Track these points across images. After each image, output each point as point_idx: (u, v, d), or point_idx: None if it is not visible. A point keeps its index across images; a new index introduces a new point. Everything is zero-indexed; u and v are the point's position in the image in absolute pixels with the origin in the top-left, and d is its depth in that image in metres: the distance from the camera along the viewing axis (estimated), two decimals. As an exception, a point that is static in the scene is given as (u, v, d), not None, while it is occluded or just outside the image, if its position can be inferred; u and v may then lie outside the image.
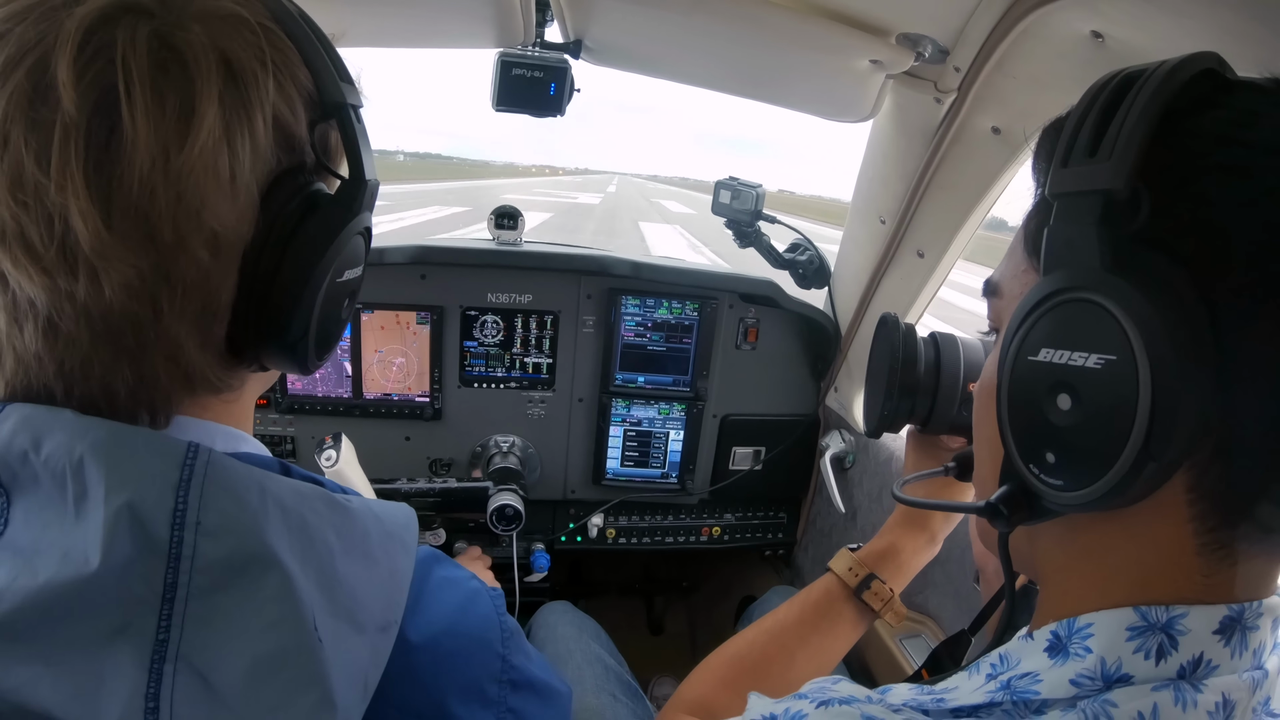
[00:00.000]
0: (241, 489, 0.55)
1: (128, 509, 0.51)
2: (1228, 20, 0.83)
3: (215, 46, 0.54)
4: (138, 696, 0.50)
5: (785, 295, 2.22)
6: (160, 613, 0.51)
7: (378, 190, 0.69)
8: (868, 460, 2.12)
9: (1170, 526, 0.53)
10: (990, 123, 1.41)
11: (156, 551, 0.51)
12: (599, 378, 2.24)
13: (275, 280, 0.59)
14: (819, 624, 1.15)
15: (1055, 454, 0.55)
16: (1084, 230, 0.52)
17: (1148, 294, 0.48)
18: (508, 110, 1.66)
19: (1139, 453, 0.48)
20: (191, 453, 0.54)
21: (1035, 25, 1.11)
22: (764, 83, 1.77)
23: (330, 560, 0.58)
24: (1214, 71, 0.52)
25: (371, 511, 0.65)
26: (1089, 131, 0.53)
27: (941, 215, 1.68)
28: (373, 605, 0.61)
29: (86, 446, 0.52)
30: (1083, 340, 0.52)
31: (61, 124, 0.50)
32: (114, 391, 0.56)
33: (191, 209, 0.53)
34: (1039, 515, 0.60)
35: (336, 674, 0.56)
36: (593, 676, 1.68)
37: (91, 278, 0.52)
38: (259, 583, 0.54)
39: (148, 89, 0.51)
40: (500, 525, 1.87)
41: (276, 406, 2.08)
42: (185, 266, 0.55)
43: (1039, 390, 0.55)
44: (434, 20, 1.51)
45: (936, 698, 0.60)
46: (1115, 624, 0.54)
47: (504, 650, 0.72)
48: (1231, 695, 0.51)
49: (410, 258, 2.01)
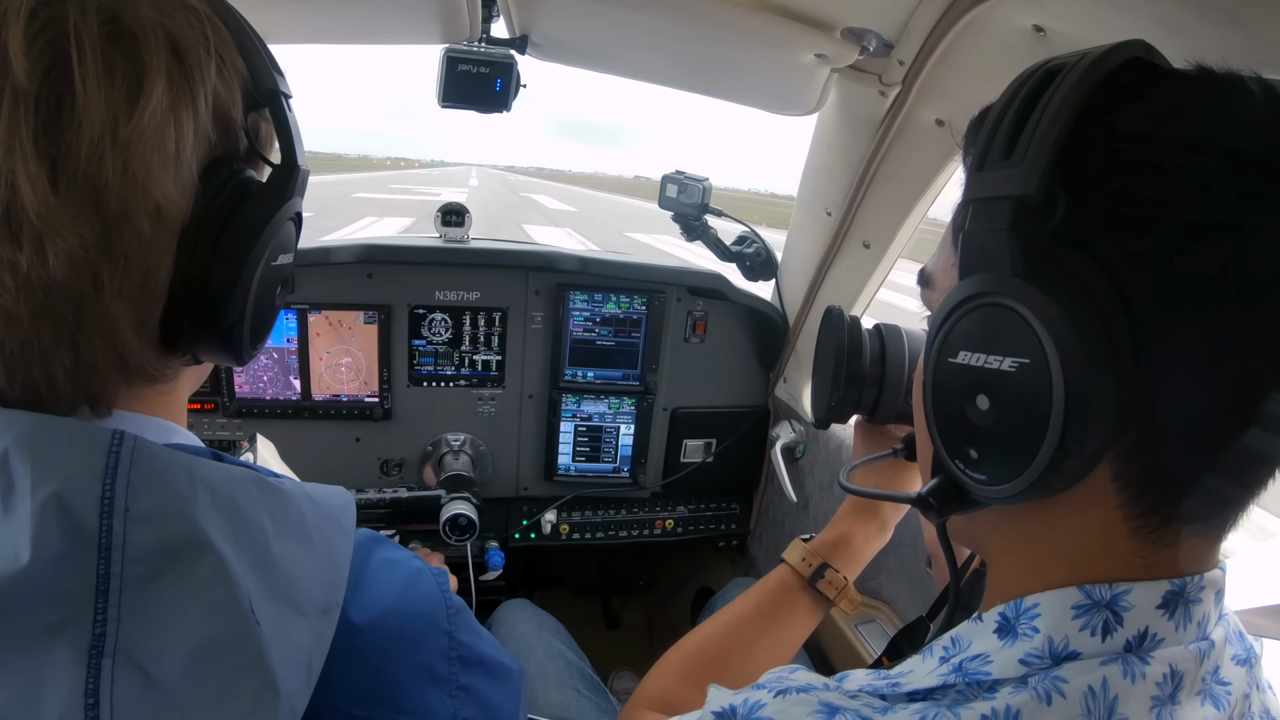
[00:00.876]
0: (169, 474, 0.55)
1: (55, 499, 0.50)
2: (1164, 13, 0.86)
3: (162, 25, 0.55)
4: (77, 693, 0.49)
5: (733, 288, 2.24)
6: (95, 606, 0.50)
7: (308, 178, 0.70)
8: (818, 449, 2.14)
9: (1100, 512, 0.54)
10: (934, 115, 1.44)
11: (86, 542, 0.51)
12: (548, 373, 2.23)
13: (212, 262, 0.59)
14: (775, 615, 1.15)
15: (977, 450, 0.56)
16: (996, 236, 0.53)
17: (1058, 298, 0.49)
18: (454, 106, 1.65)
19: (1055, 450, 0.50)
20: (117, 440, 0.53)
21: (978, 19, 1.14)
22: (711, 77, 1.78)
23: (265, 542, 0.58)
24: (1140, 60, 0.53)
25: (306, 494, 0.64)
26: (1005, 133, 0.53)
27: (887, 207, 1.70)
28: (312, 587, 0.60)
29: (10, 440, 0.52)
30: (997, 344, 0.53)
31: (11, 90, 0.49)
32: (53, 376, 0.54)
33: (137, 179, 0.53)
34: (968, 506, 0.62)
35: (278, 658, 0.55)
36: (555, 672, 1.68)
37: (37, 247, 0.51)
38: (192, 568, 0.53)
39: (99, 58, 0.51)
40: (454, 535, 1.82)
41: (225, 410, 2.04)
42: (128, 239, 0.54)
43: (959, 390, 0.56)
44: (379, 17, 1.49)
45: (892, 682, 0.60)
46: (1061, 603, 0.55)
47: (450, 627, 0.71)
48: (1179, 666, 0.53)
49: (356, 256, 1.98)
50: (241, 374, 2.02)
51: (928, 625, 1.09)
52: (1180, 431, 0.51)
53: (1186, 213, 0.48)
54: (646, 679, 1.11)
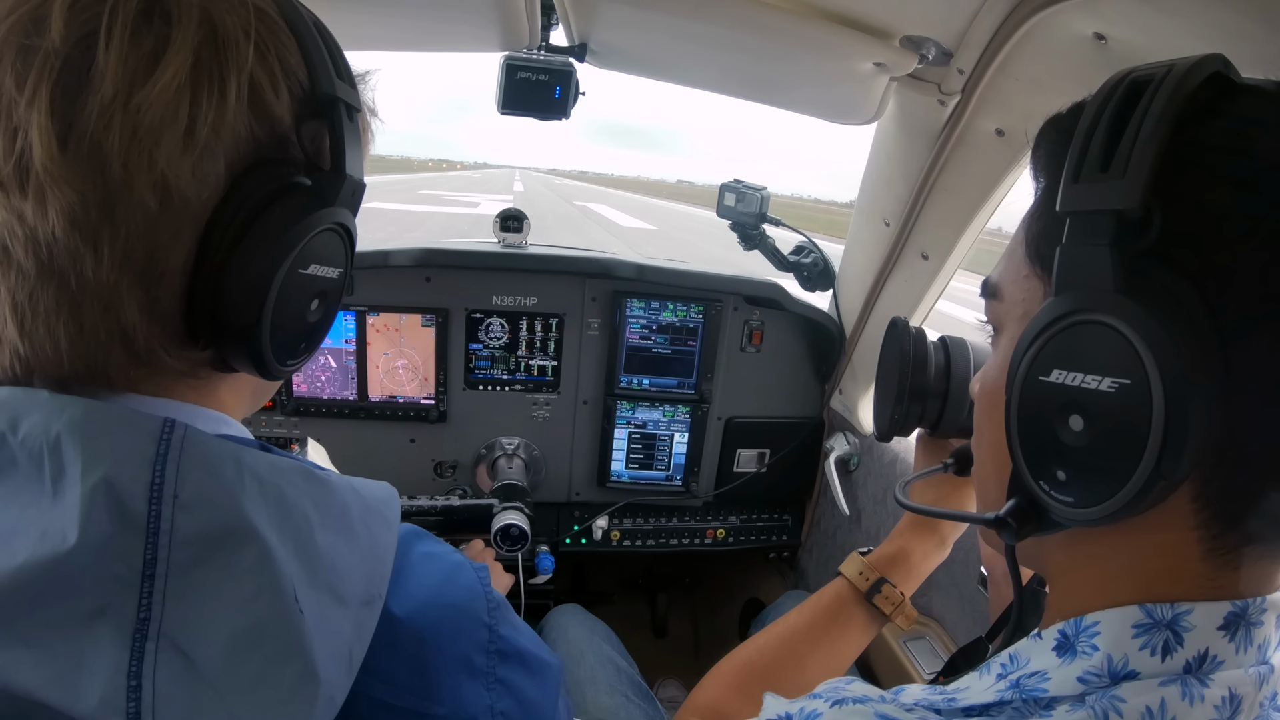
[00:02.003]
0: (217, 462, 0.56)
1: (105, 484, 0.52)
2: (1228, 20, 0.84)
3: (203, 9, 0.56)
4: (119, 675, 0.50)
5: (790, 297, 2.23)
6: (140, 591, 0.52)
7: (362, 191, 0.69)
8: (872, 462, 2.12)
9: (1177, 533, 0.53)
10: (994, 125, 1.41)
11: (134, 526, 0.52)
12: (604, 380, 2.24)
13: (232, 255, 0.59)
14: (830, 628, 1.15)
15: (1066, 472, 0.55)
16: (1097, 251, 0.51)
17: (1160, 316, 0.48)
18: (513, 113, 1.67)
19: (1151, 472, 0.49)
20: (168, 428, 0.55)
21: (1038, 27, 1.12)
22: (768, 86, 1.78)
23: (309, 532, 0.59)
24: (1219, 74, 0.52)
25: (351, 487, 0.66)
26: (1100, 143, 0.52)
27: (945, 217, 1.68)
28: (354, 578, 0.61)
29: (63, 424, 0.53)
30: (1096, 363, 0.52)
31: (44, 50, 0.52)
32: (58, 339, 0.56)
33: (144, 148, 0.54)
34: (1047, 528, 0.60)
35: (319, 646, 0.56)
36: (605, 677, 1.69)
37: (39, 198, 0.52)
38: (237, 555, 0.54)
39: (127, 30, 0.53)
40: (505, 545, 1.80)
41: (282, 408, 2.10)
42: (130, 209, 0.54)
43: (1050, 410, 0.55)
44: (441, 24, 1.52)
45: (948, 697, 0.60)
46: (1121, 622, 0.54)
47: (490, 620, 0.71)
48: (1238, 690, 0.51)
49: (415, 260, 2.02)
50: (300, 373, 2.07)
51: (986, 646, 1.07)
52: (1265, 451, 0.50)
53: (1275, 229, 0.47)
54: (698, 688, 1.12)
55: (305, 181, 0.63)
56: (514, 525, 1.79)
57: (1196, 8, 0.86)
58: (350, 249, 0.70)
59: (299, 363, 0.70)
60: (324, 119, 0.64)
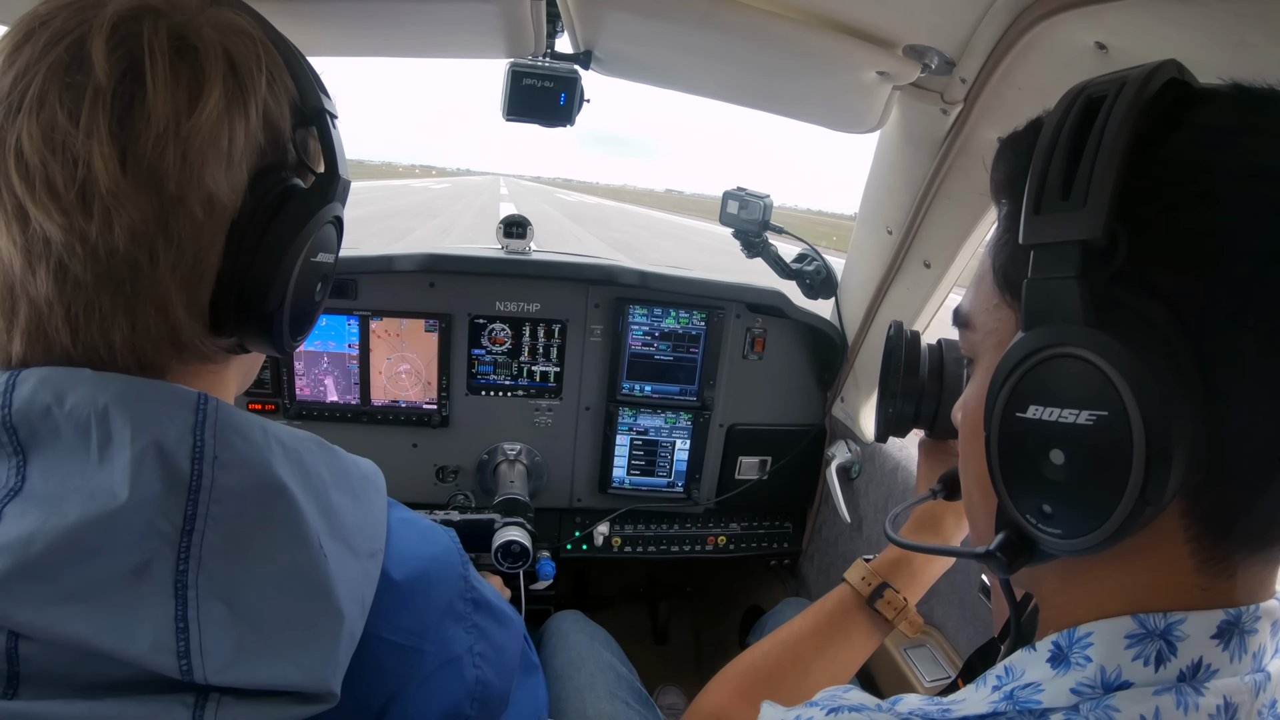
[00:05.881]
0: (247, 429, 0.63)
1: (154, 446, 0.58)
2: (1230, 30, 0.84)
3: (221, 44, 0.65)
4: (167, 620, 0.56)
5: (792, 305, 2.23)
6: (179, 545, 0.58)
7: (349, 188, 0.80)
8: (874, 470, 2.12)
9: (1169, 548, 0.54)
10: (996, 133, 1.41)
11: (179, 485, 0.58)
12: (606, 387, 2.25)
13: (256, 253, 0.67)
14: (833, 634, 1.15)
15: (1052, 505, 0.54)
16: (1064, 284, 0.51)
17: (1133, 345, 0.48)
18: (518, 120, 1.68)
19: (1136, 501, 0.49)
20: (203, 400, 0.62)
21: (1040, 37, 1.12)
22: (772, 94, 1.78)
23: (325, 490, 0.68)
24: (1174, 81, 0.52)
25: (350, 457, 0.75)
26: (1059, 169, 0.52)
27: (948, 226, 1.68)
28: (362, 533, 0.70)
29: (110, 397, 0.59)
30: (1072, 397, 0.51)
31: (93, 88, 0.59)
32: (111, 340, 0.63)
33: (194, 169, 0.62)
34: (1038, 559, 0.59)
35: (341, 587, 0.63)
36: (606, 683, 1.69)
37: (105, 218, 0.59)
38: (271, 509, 0.62)
39: (167, 65, 0.61)
40: (506, 562, 1.77)
41: (286, 412, 2.10)
42: (183, 221, 0.62)
43: (1030, 446, 0.55)
44: (448, 31, 1.52)
45: (944, 708, 0.60)
46: (1114, 632, 0.54)
47: (464, 572, 0.80)
48: (1234, 698, 0.51)
49: (419, 265, 2.03)
50: (303, 377, 2.09)
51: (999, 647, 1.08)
52: (1251, 465, 0.50)
53: (1249, 243, 0.47)
54: (703, 693, 1.12)
55: (299, 182, 0.72)
56: (515, 542, 1.77)
57: (1197, 17, 0.87)
58: (340, 236, 0.81)
59: (304, 338, 0.81)
60: (311, 127, 0.75)
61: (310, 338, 2.01)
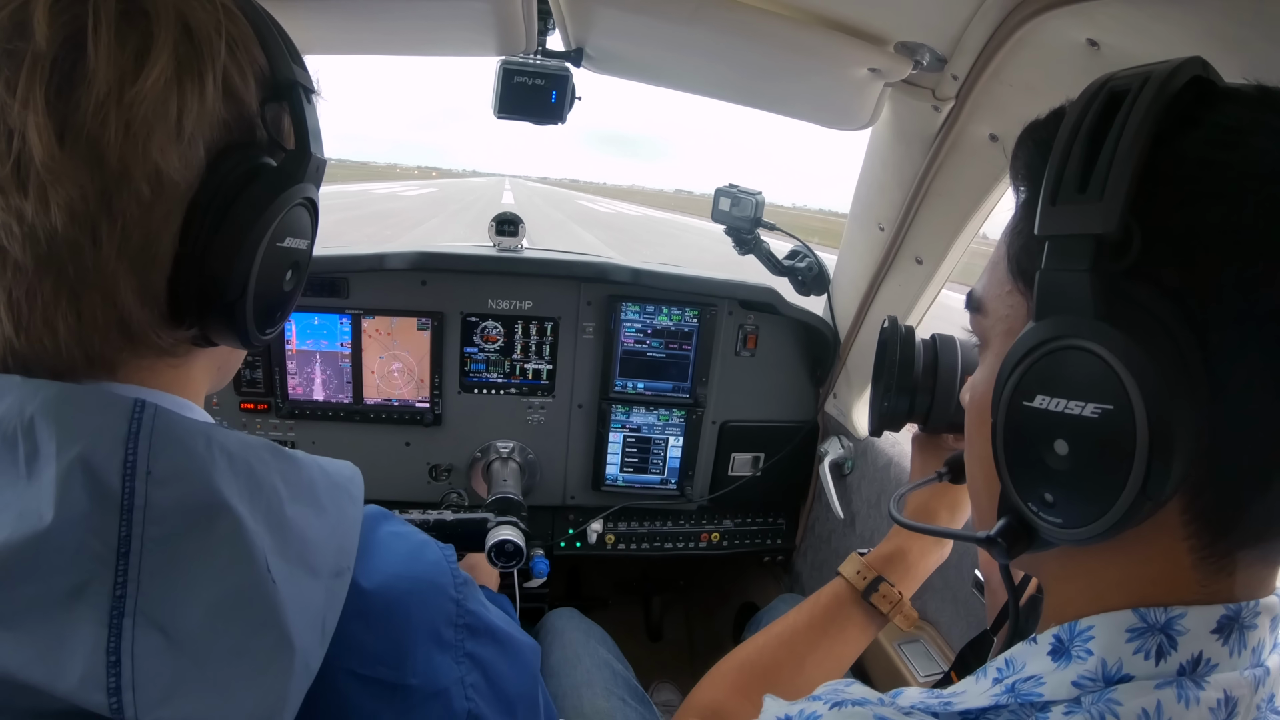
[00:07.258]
0: (189, 439, 0.58)
1: (80, 461, 0.53)
2: (1220, 26, 0.84)
3: (176, 8, 0.59)
4: (99, 652, 0.51)
5: (784, 302, 2.23)
6: (116, 568, 0.53)
7: (324, 167, 0.73)
8: (866, 466, 2.12)
9: (1168, 542, 0.54)
10: (987, 130, 1.42)
11: (109, 503, 0.53)
12: (598, 384, 2.24)
13: (216, 234, 0.62)
14: (828, 628, 1.15)
15: (1054, 494, 0.55)
16: (1077, 277, 0.51)
17: (1142, 341, 0.48)
18: (509, 117, 1.67)
19: (1137, 494, 0.49)
20: (139, 407, 0.57)
21: (1031, 33, 1.13)
22: (764, 92, 1.78)
23: (279, 505, 0.61)
24: (1199, 78, 0.52)
25: (317, 464, 0.69)
26: (1077, 161, 0.52)
27: (940, 222, 1.69)
28: (324, 550, 0.64)
29: (36, 406, 0.55)
30: (1079, 389, 0.52)
31: (31, 54, 0.54)
32: (56, 330, 0.58)
33: (138, 141, 0.56)
34: (1039, 546, 0.60)
35: (293, 615, 0.58)
36: (601, 680, 1.69)
37: (40, 195, 0.55)
38: (211, 528, 0.56)
39: (112, 31, 0.56)
40: (500, 561, 1.72)
41: (278, 411, 2.09)
42: (127, 200, 0.57)
43: (1035, 434, 0.55)
44: (438, 28, 1.52)
45: (945, 701, 0.61)
46: (1115, 626, 0.55)
47: (458, 595, 0.74)
48: (1234, 692, 0.52)
49: (411, 264, 2.03)
50: (295, 376, 2.08)
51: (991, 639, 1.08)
52: (1252, 463, 0.50)
53: (1259, 243, 0.47)
54: (697, 688, 1.12)
55: (270, 161, 0.67)
56: (509, 541, 1.74)
57: (1189, 14, 0.87)
58: (315, 221, 0.75)
59: (275, 330, 0.74)
60: (283, 101, 0.68)
61: (302, 337, 1.99)
